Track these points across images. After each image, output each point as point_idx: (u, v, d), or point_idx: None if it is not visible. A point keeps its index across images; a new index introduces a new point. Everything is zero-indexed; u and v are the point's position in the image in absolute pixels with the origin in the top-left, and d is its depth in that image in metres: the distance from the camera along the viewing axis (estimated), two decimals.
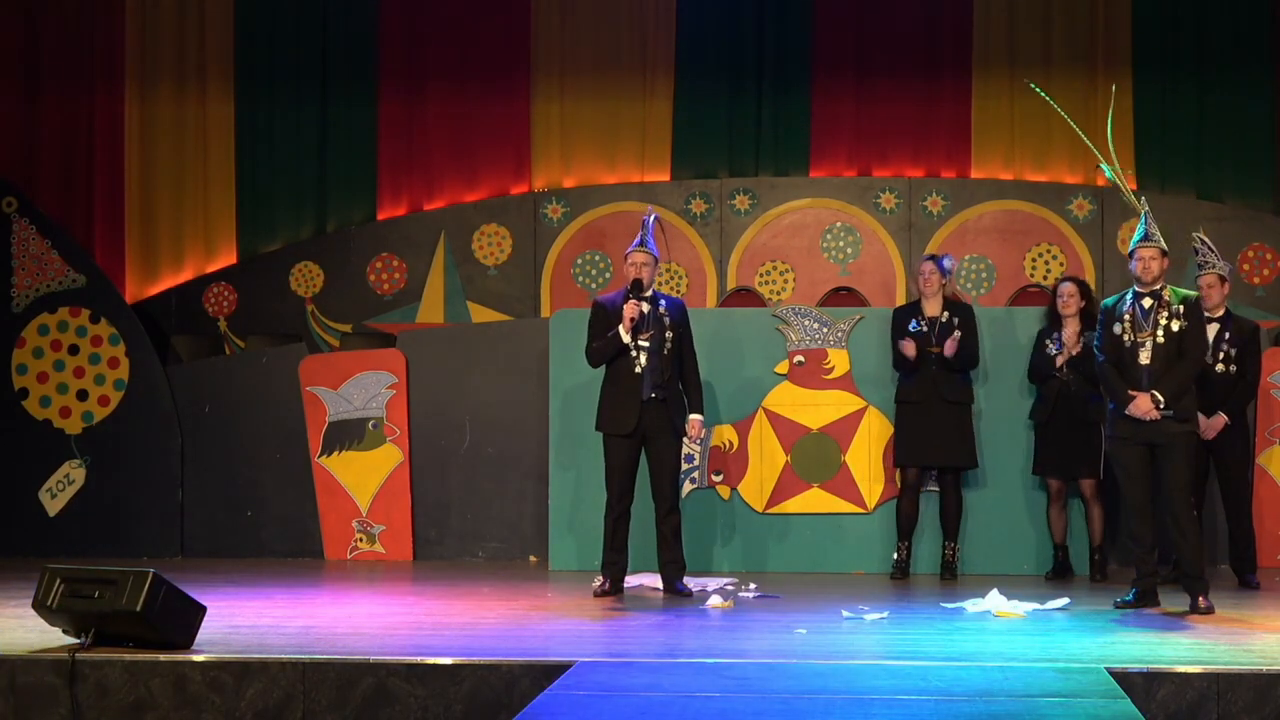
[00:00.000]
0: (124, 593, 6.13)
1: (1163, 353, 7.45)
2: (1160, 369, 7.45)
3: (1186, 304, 7.53)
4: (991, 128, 11.34)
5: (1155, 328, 7.49)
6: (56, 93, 11.61)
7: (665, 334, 8.15)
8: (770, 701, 5.35)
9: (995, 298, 10.96)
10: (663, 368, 8.12)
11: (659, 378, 8.10)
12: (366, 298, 11.38)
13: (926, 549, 9.16)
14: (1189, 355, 7.50)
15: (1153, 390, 7.41)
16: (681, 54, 11.53)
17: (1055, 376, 8.81)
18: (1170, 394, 7.41)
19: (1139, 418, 7.44)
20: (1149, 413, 7.41)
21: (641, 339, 8.09)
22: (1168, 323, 7.48)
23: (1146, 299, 7.55)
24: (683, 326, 8.28)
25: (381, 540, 9.92)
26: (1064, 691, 5.51)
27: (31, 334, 10.31)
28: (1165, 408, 7.40)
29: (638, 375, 8.09)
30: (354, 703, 6.00)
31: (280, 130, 11.62)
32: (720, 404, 9.35)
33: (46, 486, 10.21)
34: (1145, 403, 7.42)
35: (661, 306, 8.22)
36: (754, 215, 11.26)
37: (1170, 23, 11.24)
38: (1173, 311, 7.49)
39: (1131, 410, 7.45)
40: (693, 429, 8.30)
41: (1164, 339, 7.47)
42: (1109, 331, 7.61)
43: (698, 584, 8.49)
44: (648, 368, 8.09)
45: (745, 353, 9.40)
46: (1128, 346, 7.53)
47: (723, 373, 9.34)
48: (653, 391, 8.09)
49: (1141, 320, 7.53)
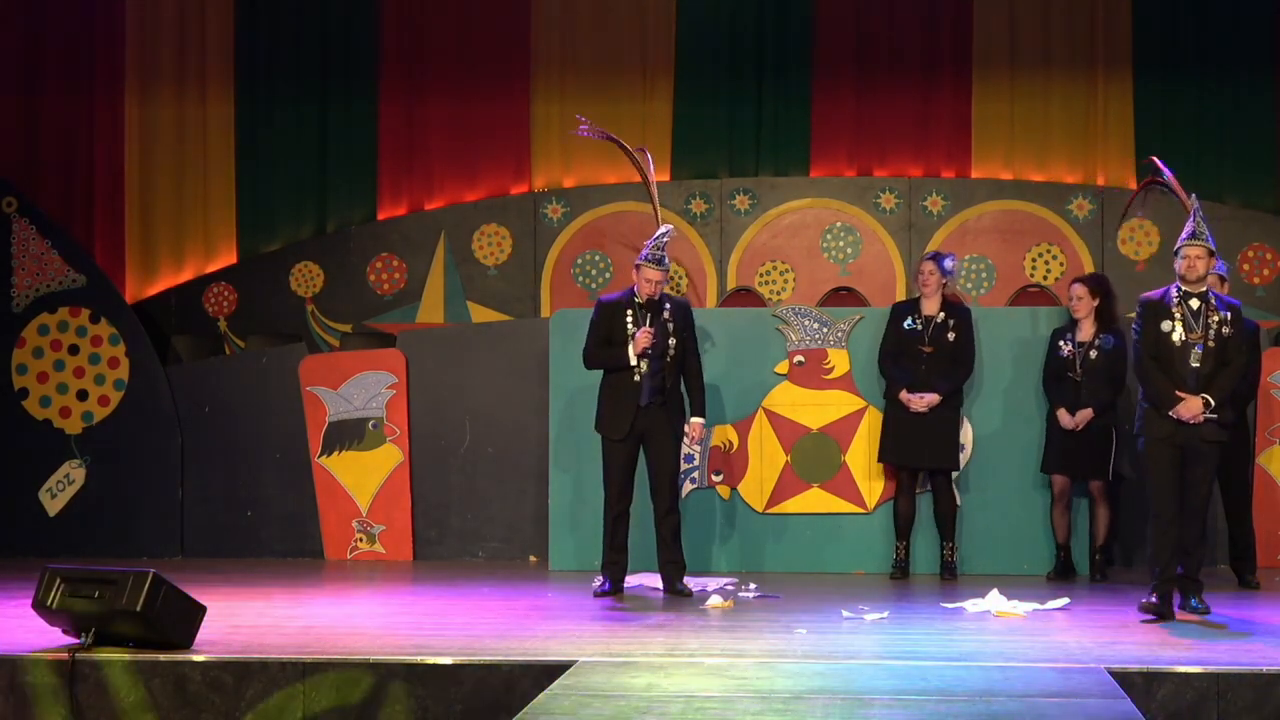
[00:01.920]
0: (124, 593, 6.14)
1: (1212, 356, 7.25)
2: (1210, 372, 7.23)
3: (1233, 311, 7.35)
4: (991, 128, 11.33)
5: (1207, 330, 7.27)
6: (56, 93, 11.61)
7: (669, 340, 8.13)
8: (770, 701, 5.36)
9: (995, 298, 10.96)
10: (665, 374, 8.11)
11: (659, 383, 8.09)
12: (366, 298, 11.38)
13: (926, 549, 9.16)
14: (1235, 362, 7.31)
15: (1203, 394, 7.20)
16: (681, 54, 11.52)
17: (1069, 377, 8.81)
18: (1220, 399, 7.22)
19: (1183, 419, 7.21)
20: (1198, 415, 7.19)
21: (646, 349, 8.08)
22: (1219, 327, 7.28)
23: (1194, 300, 7.32)
24: (686, 330, 8.25)
25: (381, 540, 9.92)
26: (1064, 691, 5.51)
27: (31, 334, 10.31)
28: (1211, 412, 7.19)
29: (636, 383, 8.09)
30: (354, 703, 6.00)
31: (280, 130, 11.62)
32: (720, 404, 9.35)
33: (46, 486, 10.21)
34: (1196, 405, 7.18)
35: (667, 311, 8.19)
36: (754, 215, 11.26)
37: (1170, 23, 11.23)
38: (1222, 317, 7.29)
39: (1179, 411, 7.20)
40: (693, 432, 8.29)
41: (1215, 343, 7.26)
42: (1153, 327, 7.33)
43: (698, 584, 8.50)
44: (647, 374, 8.08)
45: (745, 353, 9.40)
46: (1177, 346, 7.27)
47: (723, 373, 9.34)
48: (650, 398, 8.08)
49: (1192, 320, 7.28)
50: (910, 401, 8.79)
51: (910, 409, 8.79)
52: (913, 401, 8.78)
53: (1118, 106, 11.27)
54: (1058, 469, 8.91)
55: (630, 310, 8.15)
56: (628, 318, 8.13)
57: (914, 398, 8.78)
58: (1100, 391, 8.73)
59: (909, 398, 8.79)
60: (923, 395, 8.78)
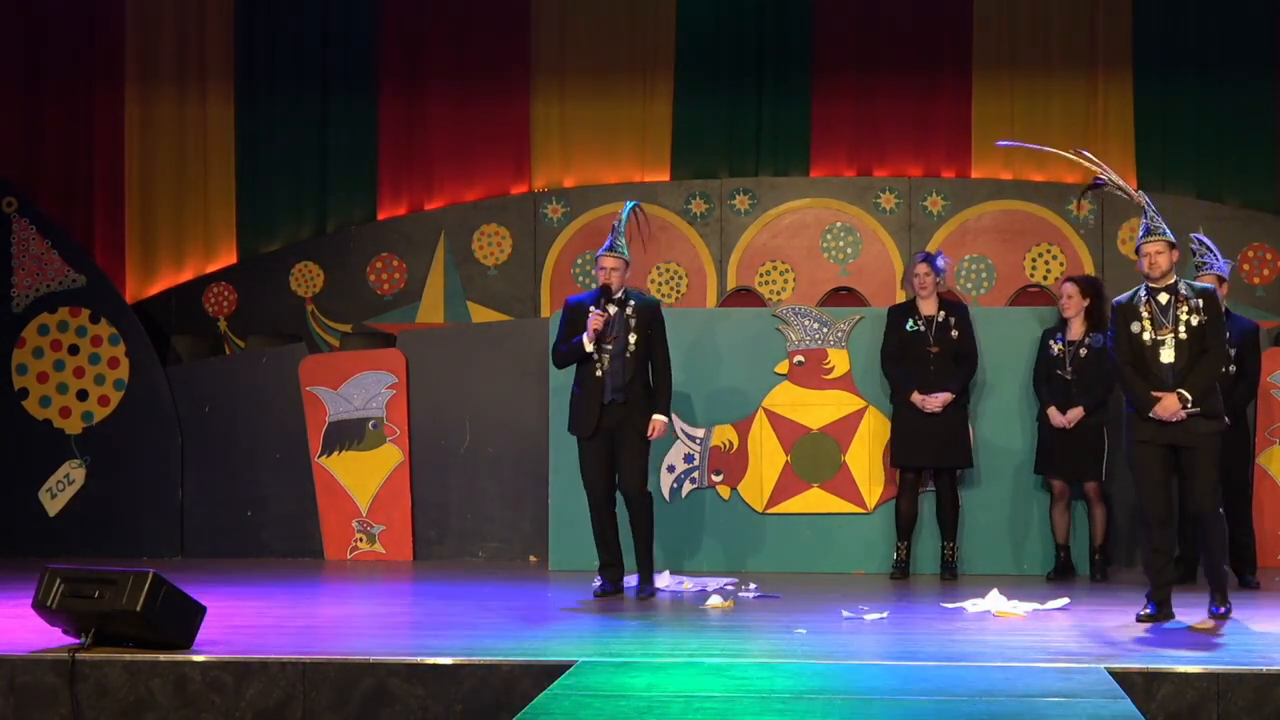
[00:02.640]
0: (124, 593, 6.14)
1: (1185, 349, 7.13)
2: (1185, 366, 7.12)
3: (1205, 297, 7.20)
4: (991, 127, 11.32)
5: (1176, 324, 7.15)
6: (56, 93, 11.62)
7: (629, 336, 8.00)
8: (770, 701, 5.35)
9: (995, 298, 10.96)
10: (624, 371, 7.99)
11: (619, 380, 7.97)
12: (366, 298, 11.38)
13: (926, 549, 9.16)
14: (1212, 350, 7.15)
15: (1179, 389, 7.08)
16: (681, 54, 11.53)
17: (1059, 376, 8.81)
18: (1198, 392, 7.08)
19: (1164, 419, 7.11)
20: (1176, 413, 7.09)
21: (605, 343, 7.99)
22: (1188, 317, 7.15)
23: (1162, 294, 7.21)
24: (651, 327, 8.07)
25: (381, 540, 9.92)
26: (1064, 691, 5.51)
27: (31, 334, 10.31)
28: (1192, 406, 7.08)
29: (599, 379, 8.00)
30: (354, 703, 6.00)
31: (280, 130, 11.63)
32: (720, 404, 9.35)
33: (46, 486, 10.20)
34: (1172, 403, 7.08)
35: (630, 308, 8.06)
36: (754, 215, 11.26)
37: (1170, 23, 11.24)
38: (1191, 306, 7.17)
39: (1157, 412, 7.10)
40: (654, 429, 8.07)
41: (1186, 335, 7.13)
42: (1125, 330, 7.25)
43: (698, 584, 8.50)
44: (609, 371, 7.99)
45: (745, 353, 9.39)
46: (1148, 345, 7.18)
47: (723, 373, 9.34)
48: (613, 395, 7.99)
49: (1160, 317, 7.19)
50: (925, 403, 8.78)
51: (925, 410, 8.79)
52: (927, 402, 8.78)
53: (1118, 106, 11.28)
54: (1050, 472, 8.90)
55: (591, 304, 8.03)
56: (591, 312, 8.02)
57: (928, 398, 8.78)
58: (1092, 390, 8.73)
59: (922, 399, 8.79)
60: (935, 395, 8.79)
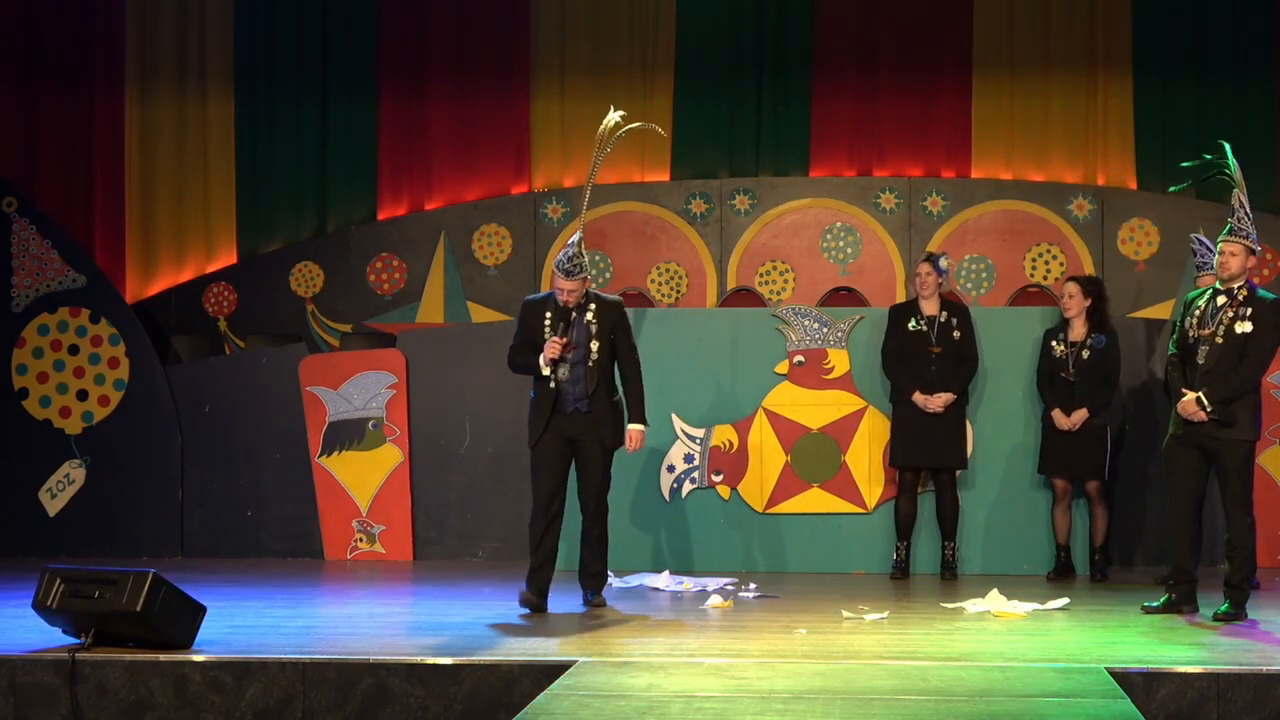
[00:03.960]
0: (124, 593, 6.14)
1: (1218, 354, 7.14)
2: (1215, 370, 7.15)
3: (1259, 306, 7.18)
4: (991, 127, 11.33)
5: (1218, 327, 7.19)
6: (56, 93, 11.61)
7: (591, 344, 7.58)
8: (770, 701, 5.36)
9: (995, 298, 10.96)
10: (588, 380, 7.57)
11: (581, 390, 7.59)
12: (366, 298, 11.38)
13: (926, 549, 9.16)
14: (1248, 360, 7.14)
15: (1199, 392, 7.13)
16: (681, 54, 11.53)
17: (1062, 377, 8.82)
18: (1218, 398, 7.10)
19: (1188, 418, 7.20)
20: (1195, 414, 7.15)
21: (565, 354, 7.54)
22: (1231, 324, 7.16)
23: (1222, 296, 7.24)
24: (616, 331, 7.66)
25: (381, 540, 9.92)
26: (1064, 691, 5.51)
27: (31, 334, 10.31)
28: (1210, 412, 7.11)
29: (553, 389, 7.58)
30: (354, 703, 6.01)
31: (280, 130, 11.62)
32: (720, 404, 9.35)
33: (46, 486, 10.20)
34: (1190, 404, 7.16)
35: (590, 312, 7.65)
36: (754, 215, 11.26)
37: (1170, 22, 11.23)
38: (1240, 313, 7.16)
39: (1180, 408, 7.21)
40: (630, 442, 7.75)
41: (1224, 340, 7.15)
42: (1181, 324, 7.36)
43: (698, 584, 8.51)
44: (569, 380, 7.58)
45: (745, 353, 9.39)
46: (1191, 342, 7.25)
47: (723, 373, 9.34)
48: (575, 404, 7.58)
49: (1208, 318, 7.24)
50: (927, 403, 8.78)
51: (927, 410, 8.79)
52: (930, 402, 8.78)
53: (1118, 106, 11.27)
54: (1054, 471, 8.92)
55: (549, 311, 7.63)
56: (545, 321, 7.62)
57: (930, 399, 8.78)
58: (1095, 391, 8.74)
59: (924, 399, 8.79)
60: (938, 395, 8.78)
